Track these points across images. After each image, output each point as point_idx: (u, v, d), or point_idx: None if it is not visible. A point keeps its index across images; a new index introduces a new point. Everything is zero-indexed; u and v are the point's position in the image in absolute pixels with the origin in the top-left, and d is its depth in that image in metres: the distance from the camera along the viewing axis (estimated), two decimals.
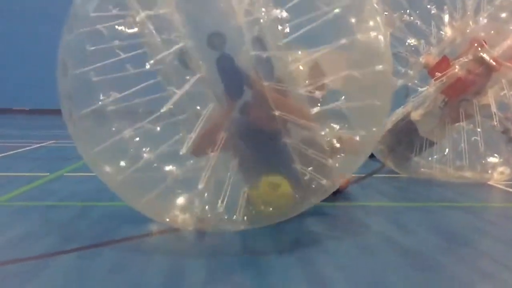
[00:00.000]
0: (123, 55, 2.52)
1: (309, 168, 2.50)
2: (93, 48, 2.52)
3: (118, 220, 3.05)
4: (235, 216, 2.49)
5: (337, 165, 2.56)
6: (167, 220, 2.67)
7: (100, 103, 2.52)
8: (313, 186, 2.55)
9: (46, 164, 5.36)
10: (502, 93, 4.27)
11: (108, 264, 2.30)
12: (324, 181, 2.53)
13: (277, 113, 2.43)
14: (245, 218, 2.53)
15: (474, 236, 2.94)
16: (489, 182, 4.48)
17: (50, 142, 7.25)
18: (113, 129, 2.52)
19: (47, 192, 3.87)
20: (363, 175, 4.12)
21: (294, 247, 2.53)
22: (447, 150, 4.43)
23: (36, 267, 2.29)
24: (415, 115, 4.42)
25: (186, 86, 2.41)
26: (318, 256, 2.46)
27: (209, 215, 2.55)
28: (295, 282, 2.13)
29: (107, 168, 2.66)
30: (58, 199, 3.63)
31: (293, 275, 2.21)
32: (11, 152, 6.04)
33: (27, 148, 6.55)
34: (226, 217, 2.51)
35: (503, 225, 3.27)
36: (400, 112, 4.42)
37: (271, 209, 2.59)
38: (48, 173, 4.57)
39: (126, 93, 2.50)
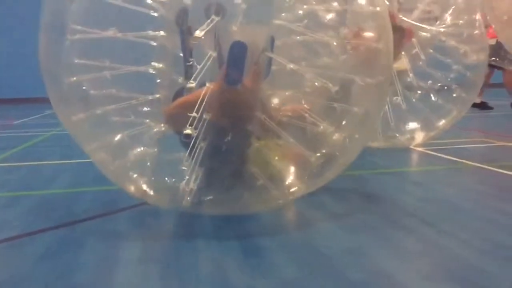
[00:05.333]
0: None
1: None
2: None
3: (49, 209, 2.97)
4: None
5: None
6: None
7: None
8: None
9: None
10: (413, 51, 4.45)
11: (40, 251, 2.25)
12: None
13: (262, 116, 2.40)
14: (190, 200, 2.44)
15: (401, 198, 3.10)
16: (412, 147, 4.70)
17: None
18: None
19: None
20: None
21: (229, 221, 2.57)
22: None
23: None
24: None
25: (205, 63, 2.27)
26: (252, 228, 2.52)
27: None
28: (232, 254, 2.17)
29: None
30: None
31: (229, 248, 2.25)
32: None
33: None
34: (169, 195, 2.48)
35: (427, 185, 3.46)
36: None
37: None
38: None
39: None
